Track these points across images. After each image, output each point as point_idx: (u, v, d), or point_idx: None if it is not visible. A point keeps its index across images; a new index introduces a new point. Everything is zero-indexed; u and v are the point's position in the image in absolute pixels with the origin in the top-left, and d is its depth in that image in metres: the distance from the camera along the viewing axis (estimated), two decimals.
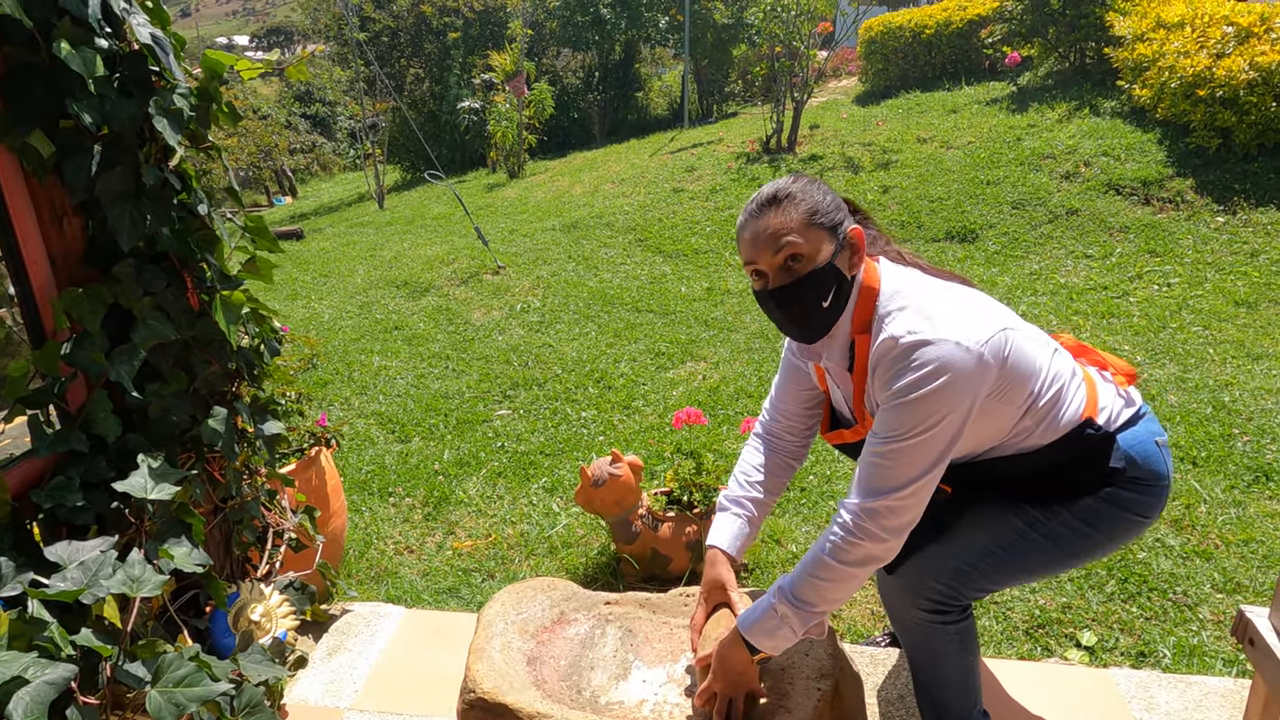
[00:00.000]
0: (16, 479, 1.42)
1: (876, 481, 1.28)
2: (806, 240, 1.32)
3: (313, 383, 4.34)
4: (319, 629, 2.12)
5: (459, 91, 13.79)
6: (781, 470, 1.69)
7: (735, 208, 6.72)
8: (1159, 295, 4.48)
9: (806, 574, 1.32)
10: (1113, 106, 6.63)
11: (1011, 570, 1.45)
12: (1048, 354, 1.37)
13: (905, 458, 1.26)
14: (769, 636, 1.35)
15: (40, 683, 1.14)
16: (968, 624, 1.50)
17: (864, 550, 1.29)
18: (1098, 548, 1.44)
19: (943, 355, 1.22)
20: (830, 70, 12.74)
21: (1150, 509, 1.42)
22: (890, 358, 1.27)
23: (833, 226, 1.34)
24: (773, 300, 1.37)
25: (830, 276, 1.34)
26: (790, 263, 1.33)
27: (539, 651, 1.60)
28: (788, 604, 1.33)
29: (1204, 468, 2.89)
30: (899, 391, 1.25)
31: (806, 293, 1.34)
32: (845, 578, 1.31)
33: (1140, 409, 1.46)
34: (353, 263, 7.11)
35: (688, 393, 3.90)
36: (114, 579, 1.31)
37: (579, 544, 2.77)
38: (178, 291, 1.63)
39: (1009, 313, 1.37)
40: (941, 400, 1.22)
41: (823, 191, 1.36)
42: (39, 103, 1.36)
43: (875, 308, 1.35)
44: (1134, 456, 1.39)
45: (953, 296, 1.31)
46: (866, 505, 1.28)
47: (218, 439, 1.70)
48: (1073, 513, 1.42)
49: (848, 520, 1.30)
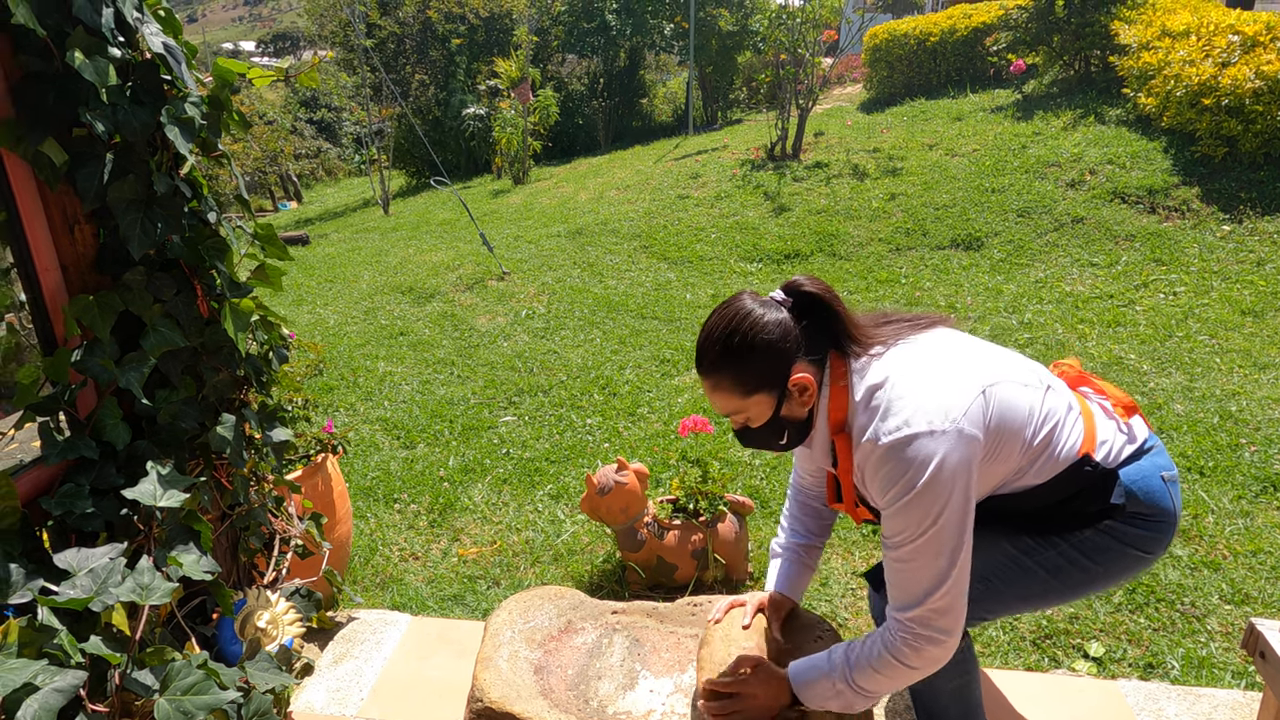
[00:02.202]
0: (26, 485, 1.43)
1: (908, 590, 1.27)
2: (747, 408, 1.36)
3: (318, 388, 4.34)
4: (325, 636, 2.12)
5: (464, 98, 13.84)
6: (818, 516, 1.71)
7: (740, 215, 6.73)
8: (1165, 304, 4.47)
9: (869, 666, 1.31)
10: (1118, 115, 6.63)
11: (1006, 600, 1.43)
12: (1038, 396, 1.33)
13: (922, 559, 1.24)
14: (818, 699, 1.37)
15: (49, 690, 1.14)
16: (965, 646, 1.49)
17: (926, 654, 1.27)
18: (1096, 581, 1.41)
19: (922, 448, 1.20)
20: (835, 77, 12.77)
21: (1153, 544, 1.38)
22: (873, 462, 1.26)
23: (771, 383, 1.33)
24: (738, 438, 1.46)
25: (780, 425, 1.38)
26: (742, 422, 1.40)
27: (546, 661, 1.60)
28: (846, 684, 1.33)
29: (1211, 478, 2.89)
30: (894, 496, 1.24)
31: (762, 439, 1.42)
32: (908, 676, 1.30)
33: (1145, 443, 1.41)
34: (358, 268, 7.13)
35: (693, 400, 3.90)
36: (123, 587, 1.31)
37: (584, 552, 2.77)
38: (188, 299, 1.64)
39: (993, 361, 1.33)
40: (935, 491, 1.21)
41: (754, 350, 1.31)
42: (52, 111, 1.37)
43: (849, 410, 1.33)
44: (1136, 492, 1.35)
45: (924, 375, 1.27)
46: (910, 615, 1.27)
47: (226, 446, 1.70)
48: (1071, 544, 1.39)
49: (900, 628, 1.29)
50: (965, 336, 1.42)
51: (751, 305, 1.33)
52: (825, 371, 1.35)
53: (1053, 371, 1.51)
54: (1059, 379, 1.46)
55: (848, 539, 2.72)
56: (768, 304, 1.34)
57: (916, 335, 1.37)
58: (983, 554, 1.43)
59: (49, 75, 1.37)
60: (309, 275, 7.06)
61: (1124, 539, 1.37)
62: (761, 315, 1.32)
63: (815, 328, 1.34)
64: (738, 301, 1.35)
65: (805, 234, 6.16)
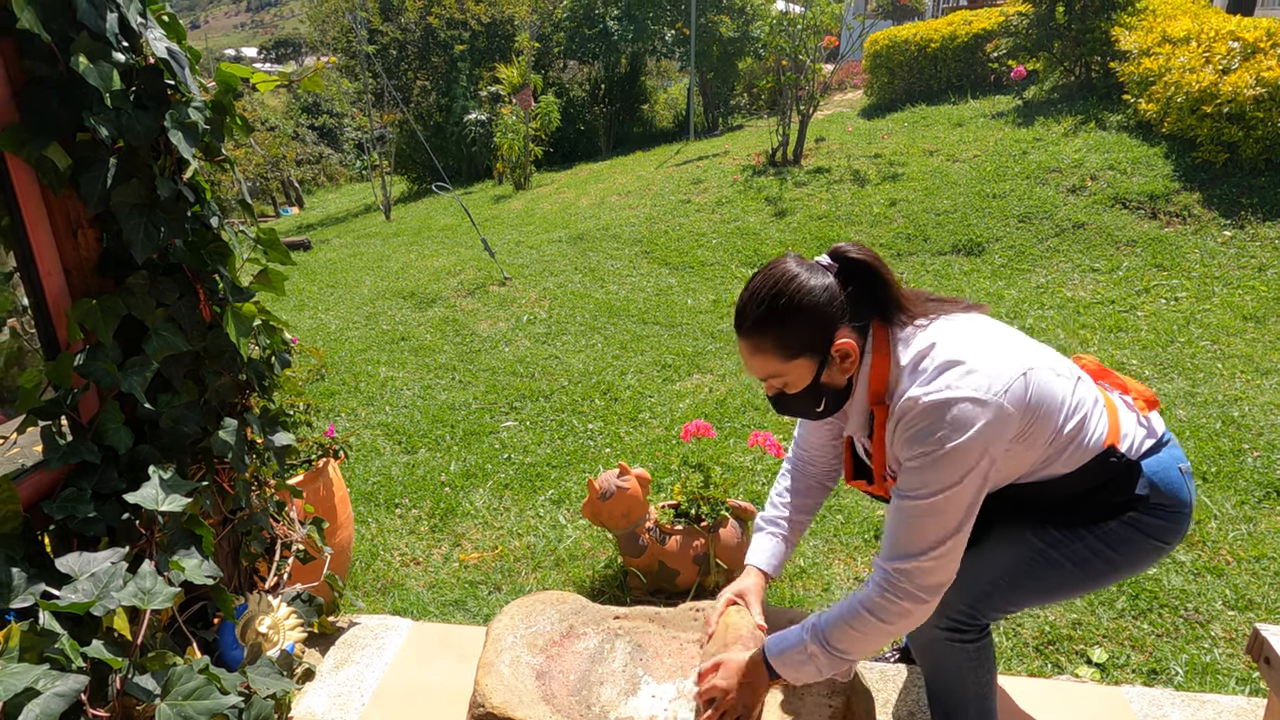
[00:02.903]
0: (28, 490, 1.43)
1: (906, 542, 1.27)
2: (787, 373, 1.35)
3: (320, 393, 4.34)
4: (326, 641, 2.12)
5: (465, 103, 13.87)
6: (813, 491, 1.70)
7: (742, 220, 6.74)
8: (1166, 309, 4.47)
9: (844, 622, 1.31)
10: (1119, 120, 6.64)
11: (1031, 591, 1.44)
12: (1070, 385, 1.34)
13: (932, 516, 1.25)
14: (794, 668, 1.36)
15: (51, 694, 1.14)
16: (986, 642, 1.49)
17: (901, 608, 1.28)
18: (1117, 571, 1.42)
19: (962, 412, 1.21)
20: (836, 84, 12.79)
21: (1172, 535, 1.39)
22: (909, 417, 1.26)
23: (814, 348, 1.32)
24: (773, 404, 1.44)
25: (818, 391, 1.37)
26: (779, 388, 1.39)
27: (548, 666, 1.59)
28: (819, 645, 1.33)
29: (1214, 483, 2.88)
30: (921, 452, 1.24)
31: (799, 405, 1.41)
32: (881, 633, 1.30)
33: (1163, 436, 1.43)
34: (359, 273, 7.13)
35: (694, 405, 3.90)
36: (125, 591, 1.31)
37: (586, 557, 2.76)
38: (190, 303, 1.64)
39: (1030, 348, 1.34)
40: (964, 457, 1.21)
41: (799, 311, 1.30)
42: (56, 116, 1.37)
43: (889, 379, 1.33)
44: (1157, 483, 1.37)
45: (971, 346, 1.27)
46: (900, 566, 1.27)
47: (228, 450, 1.70)
48: (1096, 535, 1.40)
49: (883, 579, 1.29)
50: (1001, 324, 1.42)
51: (797, 269, 1.32)
52: (868, 339, 1.34)
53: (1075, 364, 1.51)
54: (1083, 372, 1.46)
55: (850, 544, 2.72)
56: (814, 268, 1.33)
57: (956, 314, 1.37)
58: (1010, 548, 1.44)
59: (53, 80, 1.38)
60: (311, 280, 7.06)
61: (1146, 530, 1.38)
62: (808, 279, 1.31)
63: (860, 295, 1.33)
64: (783, 264, 1.34)
65: (807, 239, 6.17)
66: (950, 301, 1.42)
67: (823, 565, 2.63)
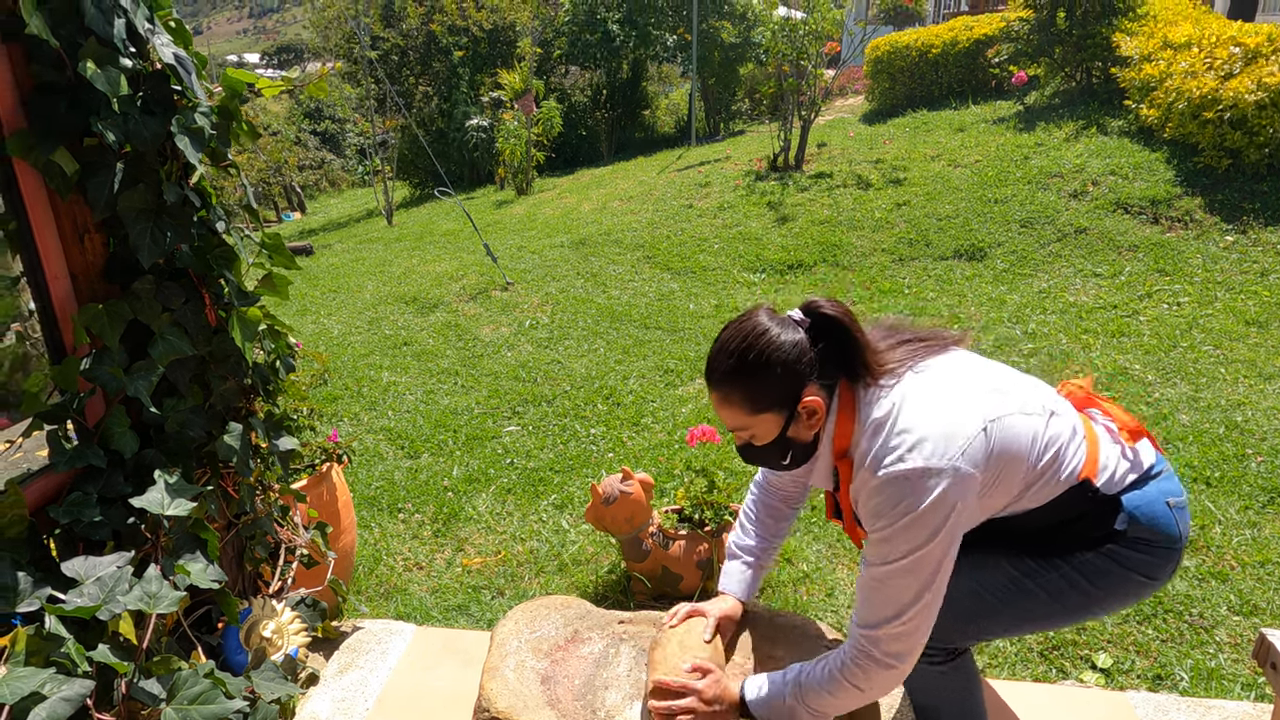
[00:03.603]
0: (34, 494, 1.43)
1: (874, 609, 1.28)
2: (754, 426, 1.36)
3: (322, 398, 4.35)
4: (330, 646, 2.11)
5: (467, 109, 13.90)
6: (781, 515, 1.71)
7: (744, 225, 6.74)
8: (1169, 314, 4.47)
9: (821, 686, 1.33)
10: (1120, 126, 6.65)
11: (1004, 621, 1.42)
12: (1041, 423, 1.31)
13: (897, 582, 1.25)
14: (767, 714, 1.39)
15: (57, 699, 1.14)
16: (959, 662, 1.48)
17: (872, 674, 1.29)
18: (1097, 605, 1.39)
19: (919, 483, 1.21)
20: (837, 89, 12.81)
21: (1157, 570, 1.36)
22: (869, 489, 1.26)
23: (781, 403, 1.33)
24: (740, 454, 1.46)
25: (785, 445, 1.38)
26: (746, 439, 1.40)
27: (553, 671, 1.59)
28: (800, 704, 1.36)
29: (1218, 488, 2.88)
30: (884, 524, 1.24)
31: (766, 457, 1.42)
32: (856, 698, 1.33)
33: (1152, 468, 1.39)
34: (362, 278, 7.14)
35: (697, 410, 3.90)
36: (131, 595, 1.31)
37: (589, 562, 2.76)
38: (196, 308, 1.64)
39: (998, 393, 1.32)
40: (926, 524, 1.22)
41: (767, 367, 1.30)
42: (64, 121, 1.38)
43: (853, 438, 1.33)
44: (1139, 517, 1.34)
45: (929, 409, 1.26)
46: (869, 634, 1.29)
47: (233, 455, 1.70)
48: (1072, 566, 1.37)
49: (854, 647, 1.31)
50: (977, 360, 1.41)
51: (769, 323, 1.32)
52: (835, 398, 1.34)
53: (1060, 392, 1.49)
54: (1066, 400, 1.44)
55: (853, 549, 2.71)
56: (785, 323, 1.33)
57: (930, 359, 1.36)
58: (983, 574, 1.43)
59: (61, 85, 1.38)
60: (313, 285, 7.07)
61: (1126, 563, 1.35)
62: (778, 334, 1.31)
63: (830, 351, 1.33)
64: (755, 317, 1.34)
65: (808, 244, 6.17)
66: (926, 343, 1.40)
67: (826, 570, 2.63)
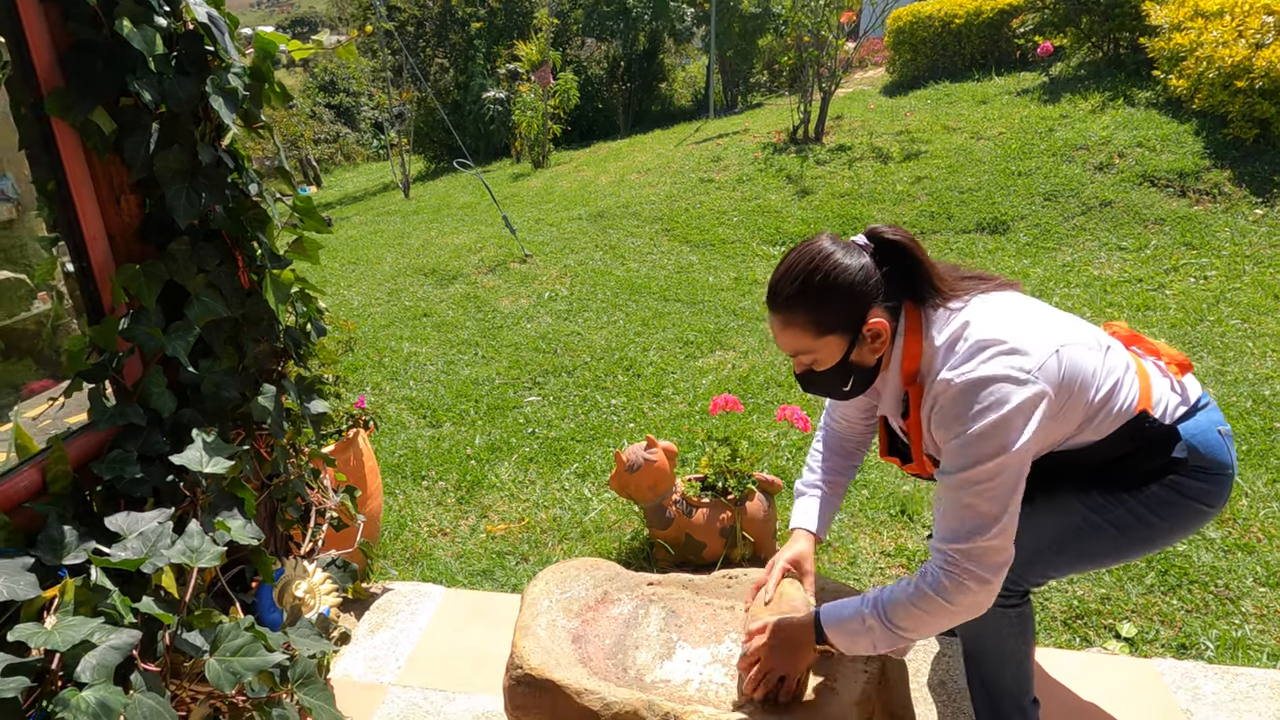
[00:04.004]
0: (77, 451, 1.45)
1: (962, 522, 1.26)
2: (817, 349, 1.36)
3: (346, 367, 4.38)
4: (360, 607, 2.15)
5: (483, 81, 13.81)
6: (848, 454, 1.72)
7: (762, 198, 6.70)
8: (1196, 288, 4.42)
9: (908, 601, 1.29)
10: (1148, 97, 6.53)
11: (1075, 557, 1.44)
12: (1100, 356, 1.35)
13: (982, 493, 1.24)
14: (849, 637, 1.34)
15: (106, 648, 1.16)
16: (1026, 609, 1.50)
17: (966, 589, 1.26)
18: (1161, 537, 1.42)
19: (999, 390, 1.22)
20: (857, 61, 12.64)
21: (1215, 498, 1.39)
22: (946, 398, 1.26)
23: (845, 326, 1.32)
24: (799, 381, 1.45)
25: (847, 370, 1.38)
26: (808, 364, 1.40)
27: (584, 630, 1.61)
28: (879, 620, 1.31)
29: (1245, 461, 2.86)
30: (961, 430, 1.24)
31: (826, 384, 1.42)
32: (945, 614, 1.29)
33: (1199, 400, 1.43)
34: (380, 250, 7.16)
35: (717, 381, 3.90)
36: (174, 549, 1.34)
37: (612, 529, 2.78)
38: (230, 269, 1.65)
39: (1062, 324, 1.34)
40: (1004, 431, 1.22)
41: (833, 289, 1.31)
42: (100, 80, 1.38)
43: (923, 360, 1.34)
44: (1196, 445, 1.37)
45: (1004, 326, 1.27)
46: (960, 547, 1.26)
47: (267, 416, 1.72)
48: (1139, 500, 1.40)
49: (945, 563, 1.28)
50: (1033, 300, 1.42)
51: (833, 246, 1.33)
52: (900, 320, 1.35)
53: (1106, 331, 1.50)
54: (1114, 339, 1.46)
55: (875, 519, 2.72)
56: (849, 247, 1.34)
57: (992, 293, 1.37)
58: (1053, 513, 1.44)
59: (98, 44, 1.38)
60: (332, 258, 7.09)
61: (1188, 493, 1.38)
62: (843, 257, 1.32)
63: (894, 275, 1.34)
64: (818, 241, 1.35)
65: (828, 217, 6.13)
66: (984, 279, 1.41)
67: (849, 539, 2.63)
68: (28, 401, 2.08)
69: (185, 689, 1.39)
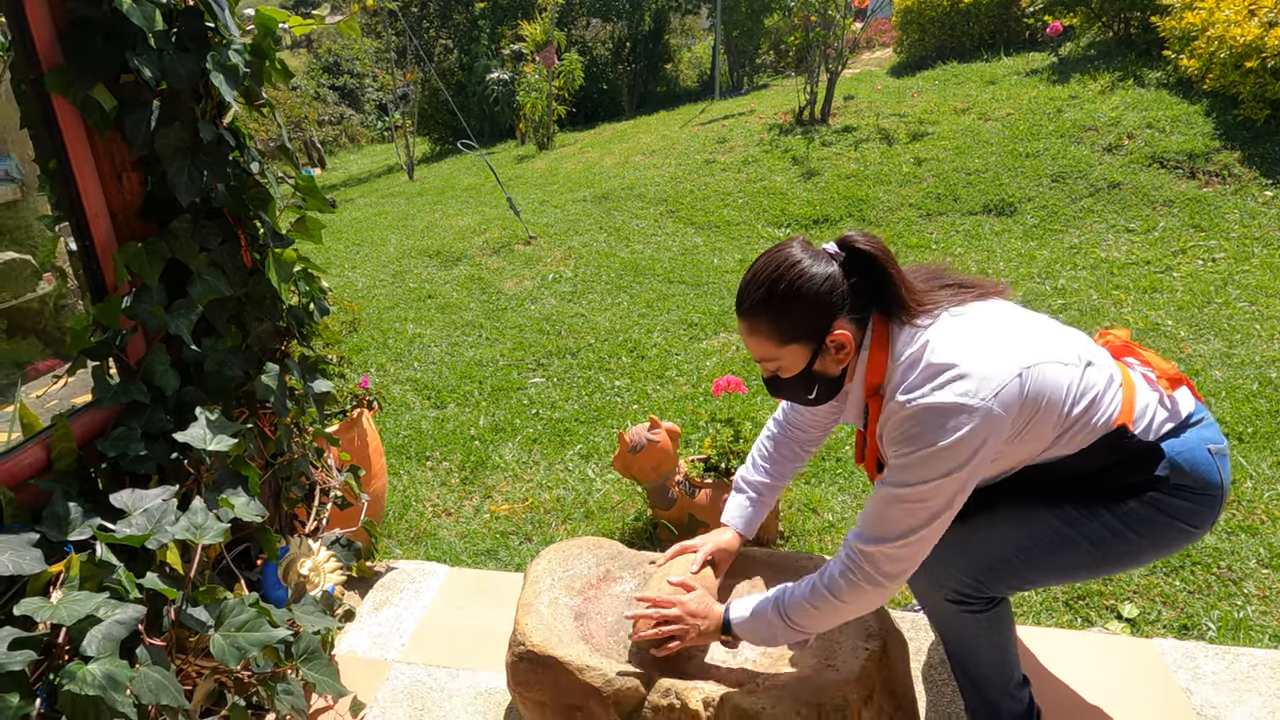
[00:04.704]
0: (81, 428, 1.46)
1: (877, 526, 1.29)
2: (781, 357, 1.36)
3: (350, 348, 4.39)
4: (364, 585, 2.16)
5: (487, 62, 13.73)
6: (795, 456, 1.72)
7: (768, 179, 6.66)
8: (1204, 270, 4.39)
9: (804, 599, 1.35)
10: (1158, 77, 6.46)
11: (1045, 570, 1.41)
12: (1077, 373, 1.30)
13: (908, 506, 1.25)
14: (750, 632, 1.42)
15: (112, 622, 1.18)
16: (997, 611, 1.48)
17: (858, 590, 1.30)
18: (1140, 554, 1.38)
19: (948, 418, 1.21)
20: (865, 41, 12.52)
21: (1199, 518, 1.35)
22: (896, 419, 1.26)
23: (809, 335, 1.32)
24: (766, 386, 1.47)
25: (811, 379, 1.38)
26: (773, 370, 1.40)
27: (586, 608, 1.62)
28: (780, 617, 1.37)
29: (1250, 444, 2.85)
30: (906, 451, 1.25)
31: (791, 390, 1.43)
32: (837, 612, 1.34)
33: (1191, 415, 1.38)
34: (385, 232, 7.15)
35: (721, 363, 3.90)
36: (178, 526, 1.35)
37: (615, 509, 2.79)
38: (232, 248, 1.65)
39: (1035, 340, 1.30)
40: (947, 458, 1.21)
41: (798, 298, 1.30)
42: (101, 56, 1.38)
43: (886, 373, 1.33)
44: (1181, 464, 1.33)
45: (965, 348, 1.25)
46: (865, 549, 1.29)
47: (270, 394, 1.72)
48: (1115, 515, 1.36)
49: (847, 558, 1.32)
50: (1016, 310, 1.39)
51: (801, 255, 1.32)
52: (867, 333, 1.34)
53: (1098, 341, 1.48)
54: (1103, 349, 1.43)
55: None
56: (818, 255, 1.32)
57: (969, 305, 1.34)
58: (1026, 523, 1.42)
59: (97, 20, 1.38)
60: (337, 239, 7.09)
61: (1169, 511, 1.34)
62: (810, 266, 1.30)
63: (863, 286, 1.32)
64: (788, 248, 1.33)
65: (834, 199, 6.09)
66: (966, 287, 1.38)
67: (850, 521, 2.64)
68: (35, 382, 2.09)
69: (191, 663, 1.40)
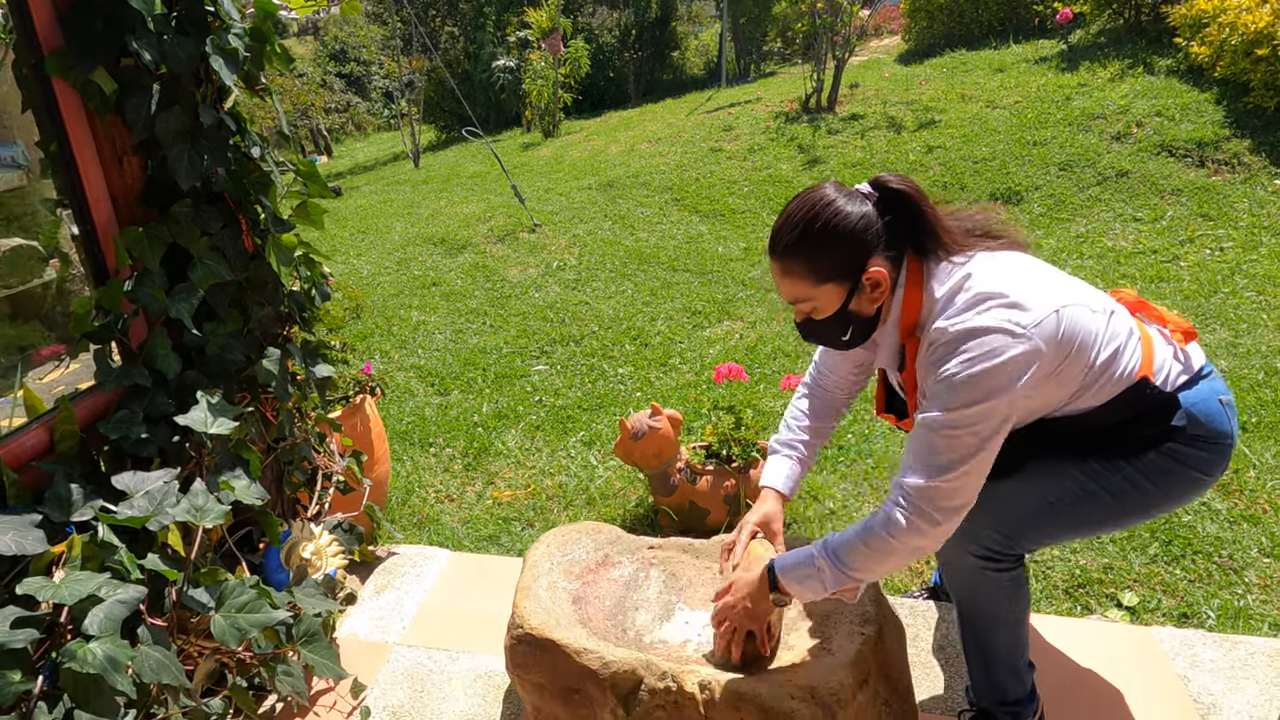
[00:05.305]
0: (83, 411, 1.47)
1: (926, 461, 1.27)
2: (816, 297, 1.35)
3: (354, 335, 4.40)
4: (366, 569, 2.18)
5: (493, 50, 13.68)
6: (828, 414, 1.71)
7: (774, 168, 6.64)
8: (1211, 259, 4.36)
9: (858, 539, 1.31)
10: (1168, 65, 6.40)
11: (1069, 524, 1.43)
12: (1104, 320, 1.33)
13: (954, 436, 1.24)
14: (798, 583, 1.36)
15: (113, 602, 1.19)
16: (1020, 573, 1.50)
17: (916, 528, 1.27)
18: (1156, 505, 1.41)
19: (992, 341, 1.21)
20: (872, 29, 12.44)
21: (1213, 466, 1.38)
22: (939, 344, 1.26)
23: (844, 274, 1.32)
24: (799, 330, 1.45)
25: (845, 319, 1.37)
26: (807, 313, 1.39)
27: (584, 592, 1.63)
28: (828, 560, 1.33)
29: (1254, 433, 2.84)
30: (947, 374, 1.24)
31: (826, 333, 1.41)
32: (893, 552, 1.29)
33: (1202, 369, 1.42)
34: (390, 220, 7.15)
35: (725, 351, 3.90)
36: (179, 508, 1.36)
37: (617, 496, 2.80)
38: (233, 233, 1.66)
39: (1066, 285, 1.33)
40: (990, 381, 1.21)
41: (833, 236, 1.30)
42: (100, 39, 1.38)
43: (922, 312, 1.33)
44: (1196, 415, 1.36)
45: (1005, 281, 1.26)
46: (918, 485, 1.26)
47: (271, 379, 1.73)
48: (1135, 467, 1.39)
49: (900, 498, 1.28)
50: (1040, 261, 1.41)
51: (835, 194, 1.32)
52: (902, 271, 1.34)
53: (1113, 298, 1.49)
54: (1119, 304, 1.45)
55: (880, 486, 2.72)
56: (852, 195, 1.33)
57: (997, 252, 1.36)
58: (1050, 479, 1.44)
59: (97, 3, 1.38)
60: (342, 227, 7.10)
61: (1185, 461, 1.37)
62: (844, 204, 1.31)
63: (897, 225, 1.33)
64: (821, 189, 1.34)
65: None
66: (993, 236, 1.40)
67: (853, 508, 2.64)
68: (41, 368, 2.11)
69: (192, 644, 1.42)
